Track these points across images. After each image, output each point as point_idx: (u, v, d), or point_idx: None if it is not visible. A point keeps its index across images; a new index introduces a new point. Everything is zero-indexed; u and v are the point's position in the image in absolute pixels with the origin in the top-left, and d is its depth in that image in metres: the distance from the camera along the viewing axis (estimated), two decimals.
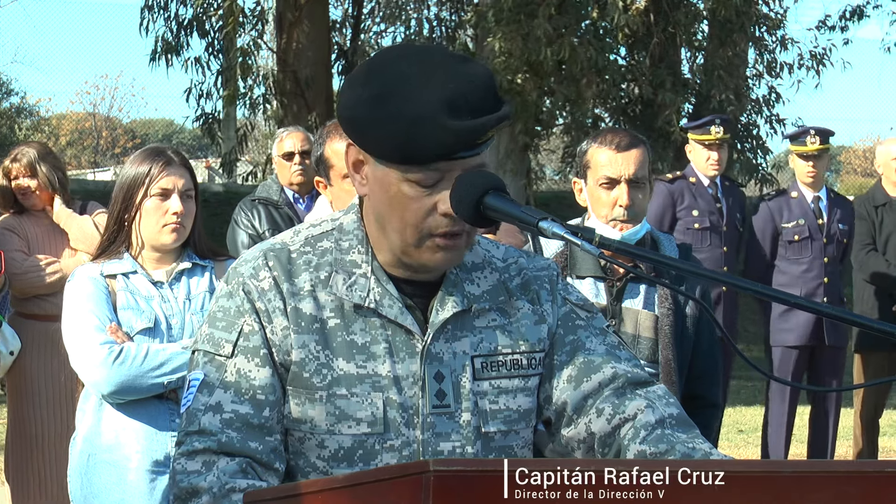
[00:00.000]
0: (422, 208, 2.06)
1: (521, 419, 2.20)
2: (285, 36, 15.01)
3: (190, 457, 2.11)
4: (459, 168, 2.04)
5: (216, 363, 2.14)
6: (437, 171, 2.04)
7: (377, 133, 2.05)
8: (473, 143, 2.03)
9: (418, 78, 2.03)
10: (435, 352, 2.15)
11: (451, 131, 2.00)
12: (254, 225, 6.42)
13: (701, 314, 3.84)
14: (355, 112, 2.08)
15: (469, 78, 2.04)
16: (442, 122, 2.00)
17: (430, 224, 2.07)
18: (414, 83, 2.02)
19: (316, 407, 2.12)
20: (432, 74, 2.03)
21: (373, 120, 2.04)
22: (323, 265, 2.17)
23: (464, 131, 2.01)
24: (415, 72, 2.04)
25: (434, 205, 2.06)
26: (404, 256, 2.13)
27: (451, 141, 2.01)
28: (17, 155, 6.02)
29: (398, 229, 2.09)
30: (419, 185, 2.05)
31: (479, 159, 2.07)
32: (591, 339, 2.24)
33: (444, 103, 2.00)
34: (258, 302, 2.14)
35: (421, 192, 2.05)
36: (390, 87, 2.04)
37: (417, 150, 2.02)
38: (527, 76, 13.03)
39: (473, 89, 2.03)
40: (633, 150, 3.76)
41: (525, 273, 2.26)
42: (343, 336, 2.14)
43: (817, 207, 7.57)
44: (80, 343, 3.69)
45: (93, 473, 3.75)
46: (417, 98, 2.01)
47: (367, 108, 2.05)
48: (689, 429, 2.19)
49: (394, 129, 2.02)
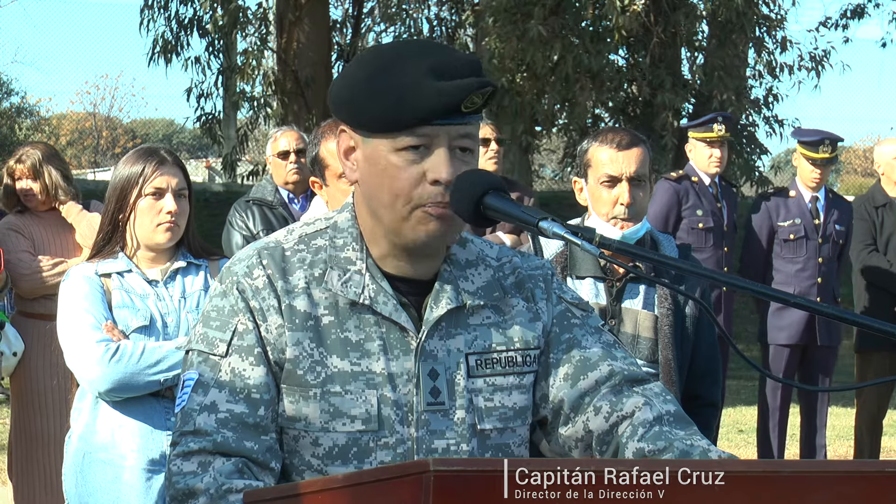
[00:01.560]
0: (411, 177, 2.07)
1: (517, 416, 2.20)
2: (285, 36, 15.01)
3: (186, 457, 2.10)
4: (445, 134, 2.07)
5: (210, 362, 2.14)
6: (424, 137, 2.06)
7: (365, 104, 2.08)
8: (457, 106, 2.05)
9: (402, 56, 2.08)
10: (429, 349, 2.15)
11: (434, 91, 2.03)
12: (248, 226, 6.42)
13: (701, 314, 3.84)
14: (345, 94, 2.12)
15: (454, 53, 2.10)
16: (426, 84, 2.04)
17: (419, 193, 2.08)
18: (398, 61, 2.08)
19: (310, 405, 2.12)
20: (416, 52, 2.09)
21: (361, 94, 2.09)
22: (317, 263, 2.17)
23: (446, 91, 2.03)
24: (398, 54, 2.10)
25: (423, 173, 2.07)
26: (397, 237, 2.13)
27: (435, 101, 2.04)
28: (22, 156, 6.00)
29: (389, 204, 2.10)
30: (407, 153, 2.07)
31: (468, 129, 2.09)
32: (586, 338, 2.24)
33: (430, 69, 2.05)
34: (252, 300, 2.14)
35: (409, 160, 2.07)
36: (381, 68, 2.09)
37: (403, 114, 2.05)
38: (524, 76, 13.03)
39: (457, 60, 2.08)
40: (633, 148, 3.78)
41: (519, 272, 2.26)
42: (337, 333, 2.14)
43: (814, 207, 7.58)
44: (76, 341, 3.70)
45: (88, 472, 3.75)
46: (401, 70, 2.06)
47: (357, 86, 2.10)
48: (687, 425, 2.19)
49: (381, 98, 2.06)
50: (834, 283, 7.63)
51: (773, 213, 7.62)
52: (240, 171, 16.38)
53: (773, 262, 7.62)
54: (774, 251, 7.61)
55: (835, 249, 7.61)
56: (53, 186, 5.96)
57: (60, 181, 5.98)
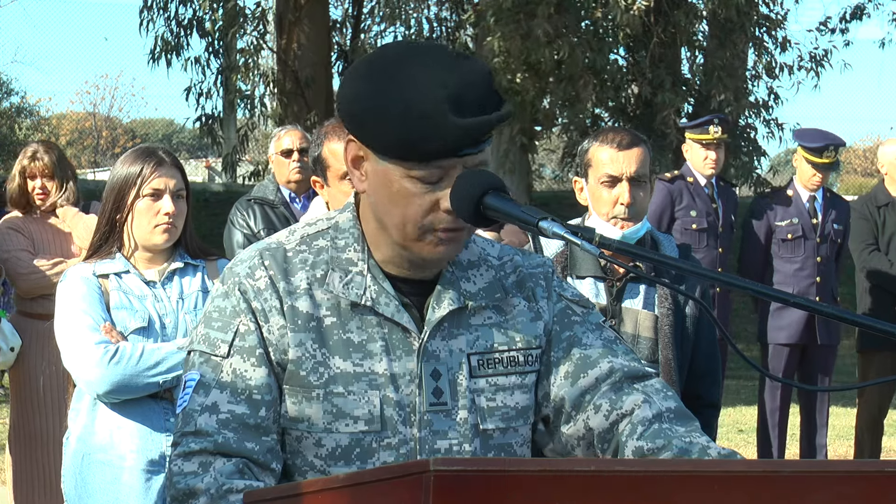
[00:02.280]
0: (424, 204, 2.06)
1: (519, 416, 2.20)
2: (285, 36, 15.02)
3: (186, 458, 2.10)
4: (461, 165, 2.05)
5: (212, 363, 2.13)
6: (439, 168, 2.04)
7: (380, 128, 2.04)
8: (477, 140, 2.03)
9: (422, 74, 2.03)
10: (431, 349, 2.15)
11: (456, 129, 2.00)
12: (249, 224, 6.43)
13: (701, 314, 3.84)
14: (357, 106, 2.07)
15: (471, 75, 2.04)
16: (447, 119, 2.00)
17: (431, 220, 2.07)
18: (417, 79, 2.02)
19: (313, 405, 2.12)
20: (434, 71, 2.03)
21: (376, 115, 2.04)
22: (319, 263, 2.16)
23: (469, 129, 2.01)
24: (418, 68, 2.04)
25: (436, 201, 2.06)
26: (404, 251, 2.13)
27: (456, 139, 2.01)
28: (36, 154, 5.98)
29: (399, 225, 2.09)
30: (421, 182, 2.05)
31: (482, 156, 2.07)
32: (587, 335, 2.24)
33: (448, 101, 2.00)
34: (254, 301, 2.14)
35: (423, 188, 2.05)
36: (394, 83, 2.03)
37: (422, 147, 2.02)
38: (526, 76, 13.03)
39: (476, 87, 2.04)
40: (634, 148, 3.78)
41: (520, 271, 2.26)
42: (340, 334, 2.14)
43: (812, 207, 7.58)
44: (75, 343, 3.69)
45: (87, 473, 3.74)
46: (422, 94, 2.01)
47: (370, 103, 2.04)
48: (688, 422, 2.19)
49: (398, 125, 2.02)
50: (833, 283, 7.63)
51: (770, 212, 7.62)
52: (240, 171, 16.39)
53: (771, 261, 7.63)
54: (773, 251, 7.62)
55: (833, 249, 7.61)
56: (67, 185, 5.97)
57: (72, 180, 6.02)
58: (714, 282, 2.13)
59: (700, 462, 1.98)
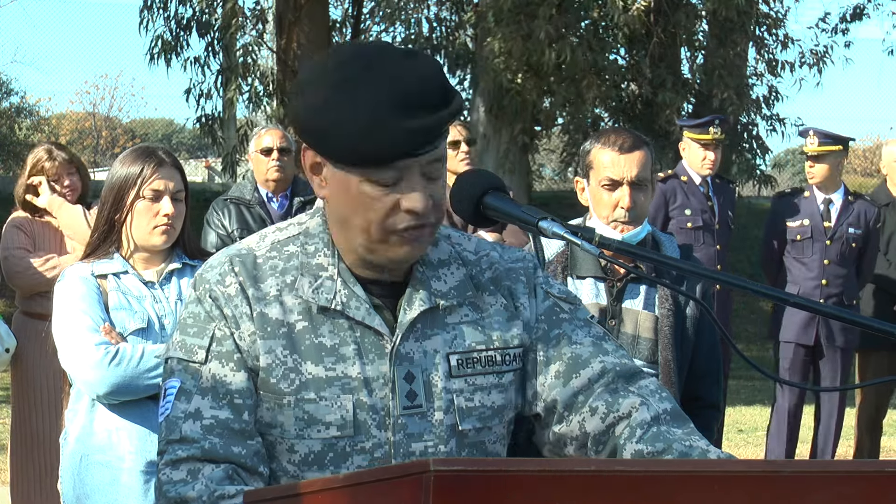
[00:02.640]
0: (384, 207, 2.05)
1: (495, 416, 2.19)
2: (285, 36, 15.01)
3: (174, 466, 2.09)
4: (418, 164, 2.04)
5: (191, 370, 2.13)
6: (396, 170, 2.03)
7: (331, 139, 2.03)
8: (430, 139, 2.03)
9: (366, 78, 2.01)
10: (404, 352, 2.14)
11: (406, 131, 2.00)
12: (224, 224, 6.43)
13: (701, 315, 3.83)
14: (306, 117, 2.06)
15: (417, 74, 2.03)
16: (397, 122, 1.99)
17: (394, 221, 2.06)
18: (363, 84, 2.01)
19: (284, 412, 2.11)
20: (380, 73, 2.02)
21: (325, 125, 2.03)
22: (289, 269, 2.16)
23: (420, 131, 2.00)
24: (362, 72, 2.02)
25: (396, 202, 2.05)
26: (369, 254, 2.12)
27: (409, 141, 2.01)
28: (52, 153, 5.98)
29: (362, 228, 2.08)
30: (379, 185, 2.04)
31: (438, 152, 2.06)
32: (576, 332, 2.22)
33: (397, 103, 1.99)
34: (225, 308, 2.13)
35: (382, 191, 2.05)
36: (340, 92, 2.02)
37: (375, 153, 2.01)
38: (527, 76, 13.03)
39: (423, 85, 2.02)
40: (636, 151, 3.76)
41: (496, 267, 2.24)
42: (311, 339, 2.12)
43: (826, 209, 7.54)
44: (74, 344, 3.67)
45: (85, 474, 3.73)
46: (368, 100, 2.00)
47: (319, 113, 2.03)
48: (684, 423, 2.18)
49: (348, 134, 2.01)
50: (846, 287, 7.49)
51: (785, 212, 7.61)
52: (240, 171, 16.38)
53: (785, 261, 7.61)
54: (786, 250, 7.60)
55: (846, 252, 7.52)
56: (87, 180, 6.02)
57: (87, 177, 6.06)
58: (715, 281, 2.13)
59: (700, 462, 1.98)
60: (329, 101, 2.02)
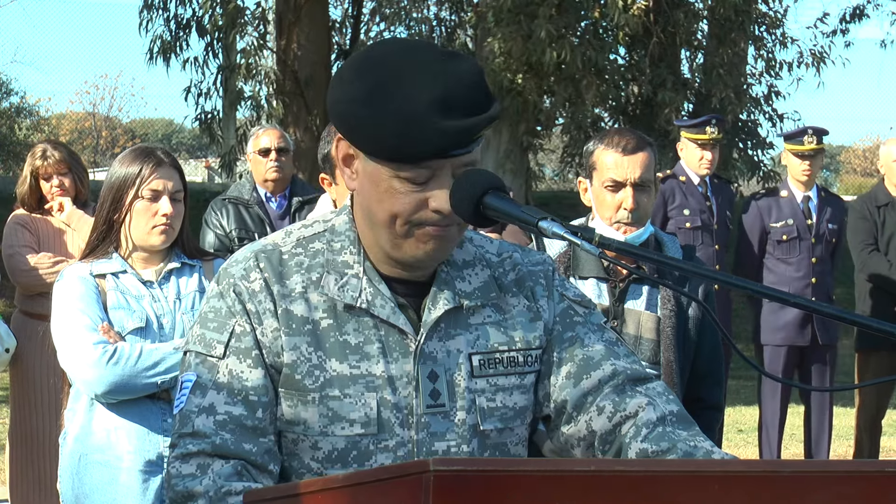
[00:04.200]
0: (412, 202, 2.06)
1: (517, 416, 2.20)
2: (285, 36, 15.01)
3: (184, 459, 2.10)
4: (451, 166, 2.05)
5: (208, 364, 2.13)
6: (428, 169, 2.04)
7: (369, 131, 2.04)
8: (466, 141, 2.03)
9: (410, 76, 2.03)
10: (428, 351, 2.15)
11: (443, 132, 2.00)
12: (222, 224, 6.43)
13: (703, 316, 3.83)
14: (346, 109, 2.07)
15: (459, 76, 2.04)
16: (435, 122, 2.00)
17: (419, 217, 2.07)
18: (405, 81, 2.02)
19: (308, 409, 2.12)
20: (423, 72, 2.03)
21: (364, 118, 2.04)
22: (314, 266, 2.16)
23: (457, 131, 2.01)
24: (406, 69, 2.04)
25: (425, 200, 2.06)
26: (393, 251, 2.12)
27: (444, 141, 2.01)
28: (46, 152, 5.98)
29: (386, 222, 2.09)
30: (410, 182, 2.05)
31: (472, 156, 2.07)
32: (589, 336, 2.24)
33: (437, 103, 2.00)
34: (249, 303, 2.13)
35: (411, 188, 2.06)
36: (382, 85, 2.03)
37: (410, 150, 2.02)
38: (527, 76, 13.03)
39: (464, 88, 2.03)
40: (639, 153, 3.75)
41: (519, 269, 2.25)
42: (336, 336, 2.13)
43: (807, 207, 7.57)
44: (73, 343, 3.67)
45: (84, 474, 3.73)
46: (409, 97, 2.01)
47: (359, 106, 2.05)
48: (690, 426, 2.19)
49: (386, 129, 2.02)
50: (829, 283, 7.61)
51: (764, 213, 7.61)
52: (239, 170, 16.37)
53: (765, 262, 7.62)
54: (767, 251, 7.61)
55: (828, 248, 7.60)
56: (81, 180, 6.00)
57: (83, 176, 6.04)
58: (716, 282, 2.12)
59: (700, 462, 1.98)
60: (369, 95, 2.03)
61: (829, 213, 7.59)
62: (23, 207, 6.04)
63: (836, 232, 7.61)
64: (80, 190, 6.02)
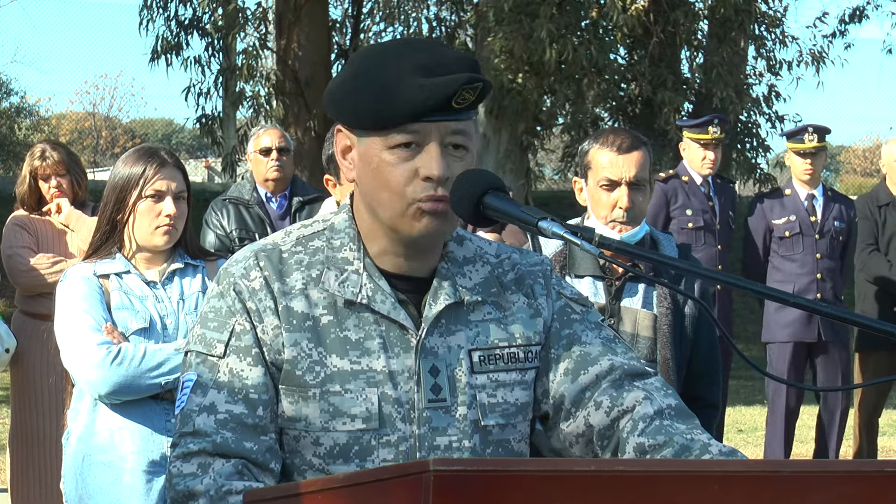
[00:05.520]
0: (403, 174, 2.08)
1: (519, 412, 2.21)
2: (285, 36, 15.01)
3: (185, 459, 2.11)
4: (436, 131, 2.07)
5: (209, 363, 2.14)
6: (414, 134, 2.07)
7: (352, 101, 2.10)
8: (447, 102, 2.05)
9: (397, 53, 2.09)
10: (429, 346, 2.16)
11: (421, 86, 2.04)
12: (222, 224, 6.43)
13: (700, 314, 3.83)
14: (335, 90, 2.15)
15: (446, 50, 2.11)
16: (413, 80, 2.04)
17: (413, 189, 2.09)
18: (391, 57, 2.09)
19: (310, 405, 2.12)
20: (412, 51, 2.10)
21: (350, 92, 2.11)
22: (314, 264, 2.18)
23: (434, 86, 2.04)
24: (396, 50, 2.11)
25: (415, 170, 2.08)
26: (395, 233, 2.14)
27: (423, 96, 2.04)
28: (45, 153, 5.98)
29: (385, 201, 2.11)
30: (399, 150, 2.08)
31: (460, 125, 2.09)
32: (586, 333, 2.25)
33: (419, 68, 2.05)
34: (249, 302, 2.14)
35: (401, 157, 2.08)
36: (368, 65, 2.11)
37: (391, 110, 2.06)
38: (527, 75, 13.03)
39: (451, 59, 2.08)
40: (634, 152, 3.76)
41: (518, 268, 2.27)
42: (336, 332, 2.14)
43: (811, 205, 7.56)
44: (76, 343, 3.67)
45: (88, 474, 3.73)
46: (392, 66, 2.07)
47: (346, 84, 2.12)
48: (688, 419, 2.19)
49: (368, 95, 2.08)
50: (836, 280, 7.54)
51: (768, 212, 7.61)
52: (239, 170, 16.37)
53: (770, 261, 7.60)
54: (773, 250, 7.60)
55: (835, 246, 7.55)
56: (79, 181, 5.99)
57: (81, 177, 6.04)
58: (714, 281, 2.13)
59: (700, 462, 1.98)
60: (356, 73, 2.11)
61: (835, 211, 7.55)
62: (22, 207, 6.05)
63: (843, 230, 7.56)
64: (77, 192, 6.01)
